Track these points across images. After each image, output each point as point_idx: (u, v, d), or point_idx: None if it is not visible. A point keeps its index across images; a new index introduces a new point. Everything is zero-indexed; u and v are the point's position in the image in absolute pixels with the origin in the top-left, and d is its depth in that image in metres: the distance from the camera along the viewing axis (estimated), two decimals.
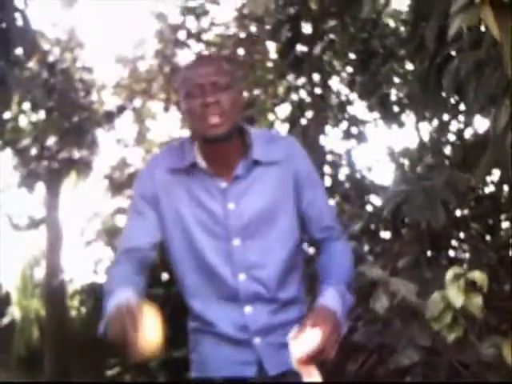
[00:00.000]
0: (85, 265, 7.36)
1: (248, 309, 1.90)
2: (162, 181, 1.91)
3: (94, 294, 7.12)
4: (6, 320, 8.81)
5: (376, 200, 4.99)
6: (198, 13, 6.25)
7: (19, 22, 2.61)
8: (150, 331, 1.64)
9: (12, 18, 2.58)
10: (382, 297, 1.96)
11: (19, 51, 2.76)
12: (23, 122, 7.56)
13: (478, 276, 1.92)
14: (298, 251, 1.98)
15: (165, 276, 6.66)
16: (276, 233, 1.91)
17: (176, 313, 6.40)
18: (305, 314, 1.94)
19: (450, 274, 1.92)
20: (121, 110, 7.77)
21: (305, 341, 1.63)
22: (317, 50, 4.72)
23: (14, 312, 9.20)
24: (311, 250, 2.27)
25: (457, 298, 1.84)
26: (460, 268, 1.97)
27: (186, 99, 1.84)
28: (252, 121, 5.72)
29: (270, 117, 5.95)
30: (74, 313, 8.35)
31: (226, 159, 1.89)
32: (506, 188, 3.84)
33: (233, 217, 1.88)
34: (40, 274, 9.47)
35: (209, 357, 1.96)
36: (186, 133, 7.47)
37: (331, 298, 1.78)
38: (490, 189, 4.07)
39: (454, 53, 2.61)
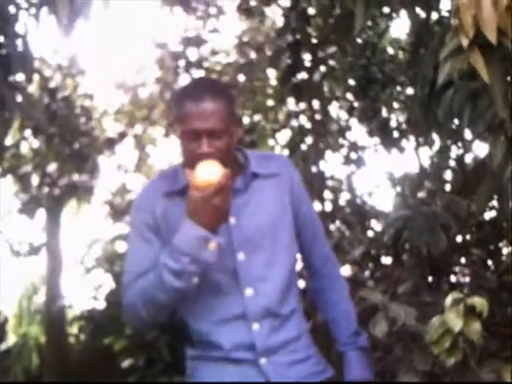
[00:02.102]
0: (84, 291, 7.33)
1: (256, 326, 1.86)
2: (159, 206, 1.89)
3: (94, 321, 7.09)
4: (4, 346, 8.74)
5: (377, 225, 4.99)
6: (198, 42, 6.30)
7: (20, 48, 2.63)
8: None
9: (13, 43, 2.61)
10: (382, 322, 1.95)
11: (20, 77, 2.78)
12: (24, 148, 7.58)
13: (478, 301, 1.91)
14: (294, 269, 1.98)
15: None
16: (278, 245, 1.90)
17: (177, 339, 6.35)
18: (304, 331, 1.96)
19: (449, 299, 1.92)
20: (122, 136, 7.80)
21: None
22: (316, 76, 4.75)
23: (13, 338, 9.14)
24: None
25: (455, 322, 1.84)
26: (460, 293, 1.97)
27: (180, 134, 1.81)
28: (252, 146, 5.74)
29: (271, 142, 5.97)
30: (72, 339, 8.30)
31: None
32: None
33: (235, 231, 1.86)
34: (40, 300, 9.43)
35: (211, 380, 1.90)
36: None
37: (359, 366, 1.92)
38: (490, 214, 4.07)
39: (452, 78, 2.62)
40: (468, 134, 2.57)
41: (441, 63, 1.94)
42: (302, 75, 4.71)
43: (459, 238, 3.98)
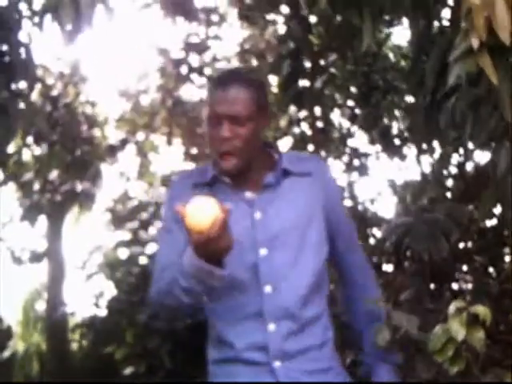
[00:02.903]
0: (86, 298, 7.33)
1: (271, 326, 1.79)
2: (187, 197, 1.78)
3: (95, 328, 7.08)
4: (6, 354, 8.73)
5: (378, 232, 4.99)
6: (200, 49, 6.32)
7: (23, 56, 2.64)
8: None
9: (16, 51, 2.62)
10: (384, 330, 1.95)
11: (23, 85, 2.79)
12: (26, 155, 7.59)
13: (481, 310, 1.91)
14: (325, 268, 1.91)
15: None
16: (305, 245, 1.83)
17: (178, 347, 6.35)
18: (329, 340, 1.88)
19: (452, 308, 1.92)
20: (123, 143, 7.80)
21: None
22: (318, 83, 4.76)
23: (15, 346, 9.14)
24: None
25: (459, 331, 1.84)
26: (463, 301, 1.96)
27: (206, 120, 1.83)
28: None
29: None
30: (74, 346, 8.29)
31: (251, 174, 1.85)
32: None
33: (260, 227, 1.81)
34: (41, 307, 9.42)
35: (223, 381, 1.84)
36: (188, 166, 7.49)
37: (388, 377, 1.87)
38: (492, 222, 4.07)
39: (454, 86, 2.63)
40: (469, 141, 2.57)
41: (450, 65, 1.94)
42: (304, 82, 4.72)
43: (461, 245, 3.98)
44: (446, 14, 2.85)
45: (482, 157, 4.04)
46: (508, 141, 2.19)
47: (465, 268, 4.00)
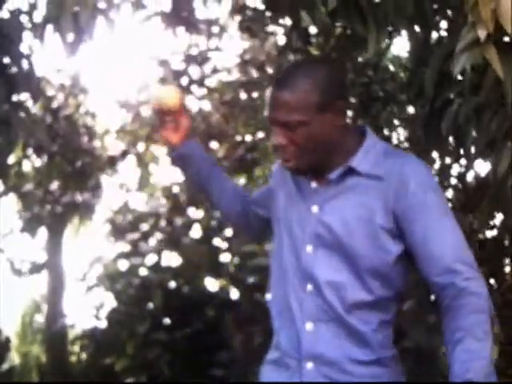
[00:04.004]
0: (86, 310, 7.32)
1: (309, 326, 1.68)
2: (277, 176, 1.90)
3: (95, 339, 7.06)
4: (5, 366, 8.70)
5: None
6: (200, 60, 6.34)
7: (25, 68, 2.65)
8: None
9: (18, 63, 2.63)
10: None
11: (24, 96, 2.80)
12: (26, 166, 7.60)
13: None
14: (386, 289, 1.69)
15: (167, 321, 6.62)
16: (351, 255, 1.67)
17: (177, 358, 6.33)
18: (384, 359, 1.66)
19: None
20: (124, 154, 7.82)
21: None
22: None
23: (14, 358, 9.11)
24: None
25: None
26: None
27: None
28: (254, 164, 5.75)
29: (273, 160, 5.98)
30: (74, 358, 8.27)
31: (323, 165, 1.72)
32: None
33: (312, 221, 1.71)
34: (41, 319, 9.41)
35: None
36: None
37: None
38: (492, 232, 4.07)
39: (453, 96, 2.64)
40: (472, 147, 2.58)
41: (456, 56, 1.93)
42: None
43: None
44: (443, 24, 2.87)
45: (483, 167, 4.05)
46: (510, 141, 2.19)
47: None
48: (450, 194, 4.39)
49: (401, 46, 4.78)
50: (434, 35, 2.92)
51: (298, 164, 1.69)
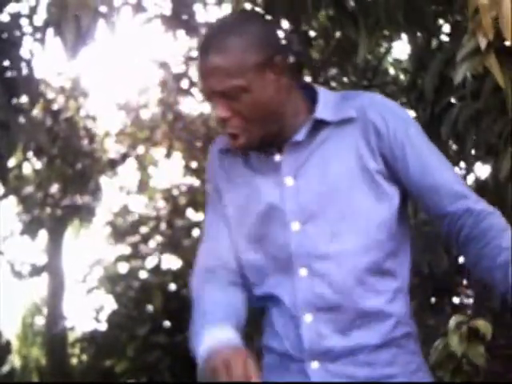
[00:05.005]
0: (86, 312, 7.32)
1: (308, 318, 1.42)
2: (217, 166, 1.56)
3: (95, 342, 7.06)
4: (5, 368, 8.70)
5: None
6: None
7: (24, 71, 2.65)
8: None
9: (17, 67, 2.63)
10: None
11: (24, 99, 2.81)
12: (27, 169, 7.61)
13: (481, 324, 1.90)
14: (393, 243, 1.48)
15: (167, 324, 6.62)
16: (351, 213, 1.42)
17: (178, 361, 6.33)
18: (396, 340, 1.43)
19: (452, 322, 1.91)
20: (124, 157, 7.82)
21: None
22: None
23: (14, 360, 9.11)
24: None
25: (459, 346, 1.82)
26: (463, 316, 1.96)
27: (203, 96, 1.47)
28: None
29: None
30: (74, 360, 8.26)
31: (281, 134, 1.47)
32: None
33: (290, 194, 1.44)
34: (41, 321, 9.41)
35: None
36: (188, 180, 7.51)
37: None
38: None
39: (453, 100, 2.65)
40: (472, 150, 2.58)
41: (457, 65, 1.93)
42: None
43: (461, 259, 3.98)
44: (446, 28, 2.88)
45: (483, 171, 4.05)
46: (510, 150, 2.20)
47: (465, 282, 3.99)
48: None
49: (401, 49, 4.78)
50: (435, 38, 2.92)
51: (248, 138, 1.43)
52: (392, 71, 5.20)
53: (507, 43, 1.90)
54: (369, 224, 1.43)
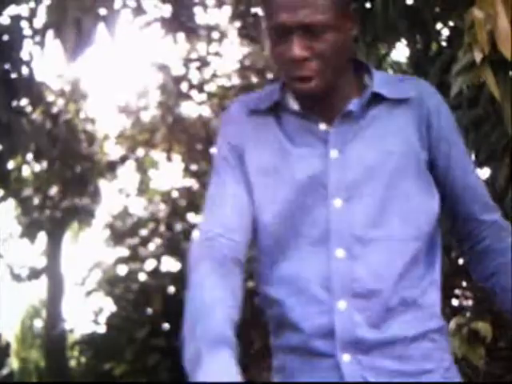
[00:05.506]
0: (85, 315, 7.32)
1: (342, 304, 1.29)
2: (241, 126, 1.41)
3: (94, 344, 7.06)
4: (5, 371, 8.70)
5: None
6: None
7: (25, 74, 2.66)
8: None
9: (18, 70, 2.63)
10: None
11: (24, 102, 2.81)
12: (26, 172, 7.61)
13: (482, 326, 1.91)
14: (435, 237, 1.39)
15: (166, 326, 6.62)
16: (399, 198, 1.33)
17: (177, 364, 6.30)
18: (430, 332, 1.34)
19: (452, 324, 1.92)
20: (123, 159, 7.83)
21: None
22: None
23: (14, 363, 9.11)
24: None
25: (459, 348, 1.82)
26: (463, 318, 1.97)
27: (268, 33, 1.34)
28: None
29: None
30: (73, 363, 8.27)
31: (331, 99, 1.36)
32: None
33: (334, 170, 1.33)
34: (40, 324, 9.41)
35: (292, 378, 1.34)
36: (188, 182, 7.52)
37: None
38: None
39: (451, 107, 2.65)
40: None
41: (453, 78, 1.93)
42: None
43: (461, 261, 3.98)
44: (445, 31, 2.87)
45: (482, 175, 4.05)
46: (508, 156, 2.20)
47: (465, 284, 3.99)
48: None
49: (401, 52, 4.78)
50: (434, 42, 2.93)
51: (320, 82, 1.31)
52: (391, 73, 5.21)
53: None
54: (418, 214, 1.34)
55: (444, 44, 2.87)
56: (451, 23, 2.80)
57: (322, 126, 1.35)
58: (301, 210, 1.34)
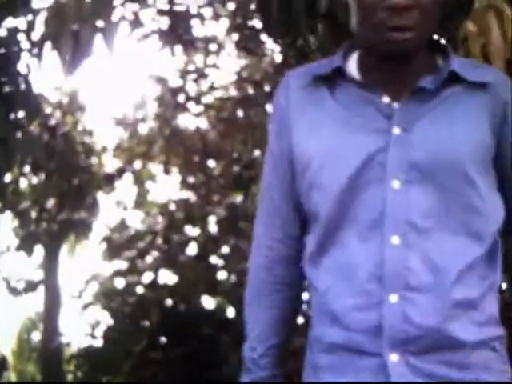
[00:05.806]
0: (82, 328, 7.29)
1: (393, 298, 1.15)
2: (298, 94, 1.29)
3: (91, 358, 7.03)
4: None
5: None
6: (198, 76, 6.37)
7: (22, 87, 2.65)
8: None
9: (15, 82, 2.63)
10: None
11: (21, 114, 2.80)
12: (23, 184, 7.60)
13: None
14: (498, 239, 1.26)
15: (163, 339, 6.59)
16: (465, 191, 1.19)
17: (174, 377, 6.29)
18: (489, 340, 1.20)
19: None
20: (121, 172, 7.82)
21: None
22: None
23: (10, 376, 9.06)
24: None
25: None
26: None
27: None
28: (251, 182, 5.75)
29: None
30: (70, 376, 8.22)
31: (399, 74, 1.24)
32: None
33: (396, 148, 1.20)
34: (37, 337, 9.37)
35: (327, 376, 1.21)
36: (185, 195, 7.51)
37: None
38: None
39: None
40: None
41: None
42: None
43: None
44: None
45: None
46: None
47: None
48: None
49: None
50: None
51: (419, 35, 1.19)
52: None
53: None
54: (485, 210, 1.21)
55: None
56: (446, 36, 2.81)
57: (386, 99, 1.22)
58: (354, 190, 1.20)
